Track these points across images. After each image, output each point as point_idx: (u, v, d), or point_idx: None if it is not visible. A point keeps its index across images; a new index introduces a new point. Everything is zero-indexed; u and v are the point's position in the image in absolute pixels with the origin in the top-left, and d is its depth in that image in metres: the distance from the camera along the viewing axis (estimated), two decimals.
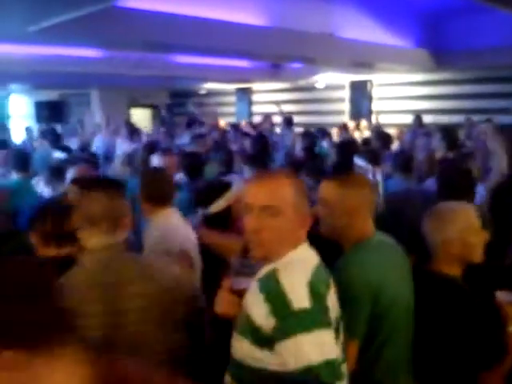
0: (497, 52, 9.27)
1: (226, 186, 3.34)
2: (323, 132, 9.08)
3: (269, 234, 1.73)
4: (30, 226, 2.46)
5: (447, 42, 10.06)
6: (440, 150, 6.14)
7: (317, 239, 1.97)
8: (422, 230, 2.45)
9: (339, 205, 2.22)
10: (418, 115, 10.64)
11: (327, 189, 2.29)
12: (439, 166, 5.36)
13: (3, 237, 3.03)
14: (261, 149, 6.61)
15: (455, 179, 3.46)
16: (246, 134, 9.13)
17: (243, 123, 12.14)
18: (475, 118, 9.99)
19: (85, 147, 8.45)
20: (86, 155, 6.67)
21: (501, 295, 2.44)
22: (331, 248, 2.24)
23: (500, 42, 9.11)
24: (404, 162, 4.82)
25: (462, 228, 2.34)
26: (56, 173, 4.96)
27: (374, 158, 5.12)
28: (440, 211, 2.43)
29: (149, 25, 6.28)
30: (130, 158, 5.99)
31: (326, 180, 2.35)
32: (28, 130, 11.76)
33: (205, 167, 5.24)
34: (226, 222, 3.21)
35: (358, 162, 5.12)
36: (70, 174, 4.35)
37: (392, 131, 8.99)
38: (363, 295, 2.04)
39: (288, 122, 9.93)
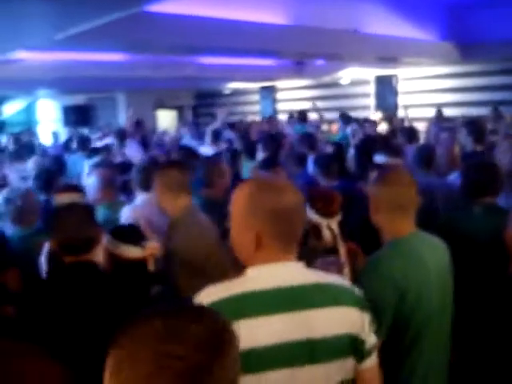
0: None
1: None
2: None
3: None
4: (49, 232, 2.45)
5: (472, 33, 9.92)
6: (467, 145, 6.04)
7: None
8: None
9: (374, 201, 2.29)
10: (438, 109, 10.56)
11: (370, 185, 2.34)
12: (463, 161, 5.25)
13: None
14: (272, 151, 6.38)
15: (478, 175, 3.39)
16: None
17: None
18: (503, 109, 9.86)
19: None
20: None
21: None
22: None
23: None
24: (425, 156, 4.73)
25: None
26: None
27: (395, 152, 4.94)
28: None
29: (174, 28, 6.34)
30: None
31: (375, 176, 2.40)
32: (54, 134, 11.97)
33: None
34: None
35: (379, 159, 4.82)
36: (91, 179, 4.40)
37: (420, 125, 8.93)
38: (386, 296, 2.04)
39: (302, 117, 9.91)
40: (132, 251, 2.68)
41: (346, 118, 9.56)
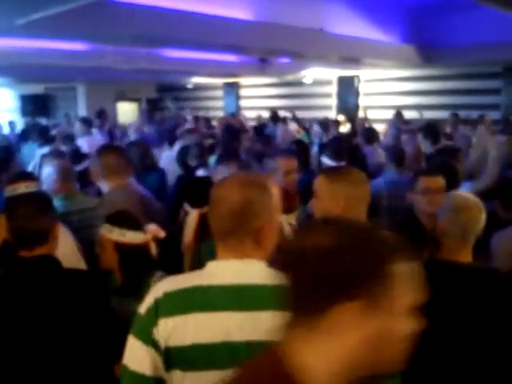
0: (483, 48, 9.33)
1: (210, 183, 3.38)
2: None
3: None
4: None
5: (433, 37, 10.11)
6: (426, 147, 6.19)
7: None
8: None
9: (328, 199, 2.25)
10: (398, 111, 10.70)
11: (319, 182, 2.31)
12: (427, 161, 5.44)
13: None
14: (232, 143, 6.46)
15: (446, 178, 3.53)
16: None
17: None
18: (461, 113, 10.06)
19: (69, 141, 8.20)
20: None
21: None
22: None
23: (486, 37, 9.17)
24: (397, 155, 4.92)
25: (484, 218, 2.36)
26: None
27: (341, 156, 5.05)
28: (463, 203, 2.39)
29: (138, 19, 6.24)
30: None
31: (320, 174, 2.37)
32: (11, 123, 11.65)
33: None
34: None
35: (325, 160, 5.08)
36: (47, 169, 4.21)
37: (380, 127, 9.03)
38: None
39: (273, 117, 9.91)
40: (136, 237, 2.55)
41: (325, 126, 9.40)
